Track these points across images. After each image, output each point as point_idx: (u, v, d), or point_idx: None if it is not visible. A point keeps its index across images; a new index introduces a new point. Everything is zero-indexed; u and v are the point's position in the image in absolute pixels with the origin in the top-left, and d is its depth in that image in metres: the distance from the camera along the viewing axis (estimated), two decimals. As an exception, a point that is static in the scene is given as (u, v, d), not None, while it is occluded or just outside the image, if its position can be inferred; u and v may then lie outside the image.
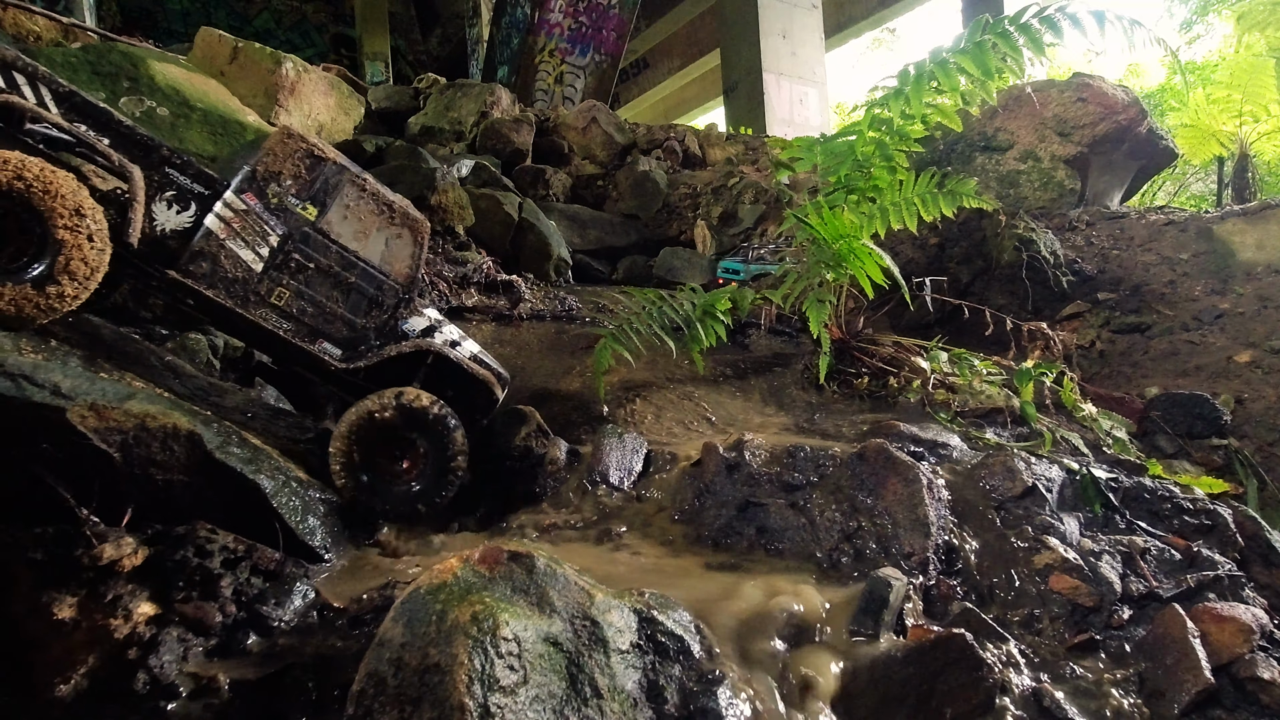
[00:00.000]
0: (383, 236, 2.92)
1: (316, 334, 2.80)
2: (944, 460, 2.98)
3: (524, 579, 1.79)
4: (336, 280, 2.82)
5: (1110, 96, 6.10)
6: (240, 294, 2.63)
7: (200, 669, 1.89)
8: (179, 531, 2.11)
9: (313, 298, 2.77)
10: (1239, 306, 4.65)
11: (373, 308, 2.91)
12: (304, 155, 2.78)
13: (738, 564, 2.49)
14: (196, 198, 2.59)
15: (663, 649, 1.83)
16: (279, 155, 2.73)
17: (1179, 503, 2.82)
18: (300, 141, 2.79)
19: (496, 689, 1.52)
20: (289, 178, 2.73)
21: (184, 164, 2.58)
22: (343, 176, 2.84)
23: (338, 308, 2.83)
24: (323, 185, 2.79)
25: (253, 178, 2.67)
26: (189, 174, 2.58)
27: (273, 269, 2.69)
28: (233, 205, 2.61)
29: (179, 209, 2.56)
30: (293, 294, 2.73)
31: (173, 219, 2.55)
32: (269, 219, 2.68)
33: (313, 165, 2.79)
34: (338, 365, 2.85)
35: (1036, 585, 2.39)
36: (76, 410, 1.97)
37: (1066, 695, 2.01)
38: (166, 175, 2.54)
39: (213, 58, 7.42)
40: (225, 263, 2.60)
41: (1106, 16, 3.22)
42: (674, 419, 3.80)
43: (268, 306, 2.69)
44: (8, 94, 2.23)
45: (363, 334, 2.89)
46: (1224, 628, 2.14)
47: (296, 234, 2.73)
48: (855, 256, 3.60)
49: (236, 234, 2.62)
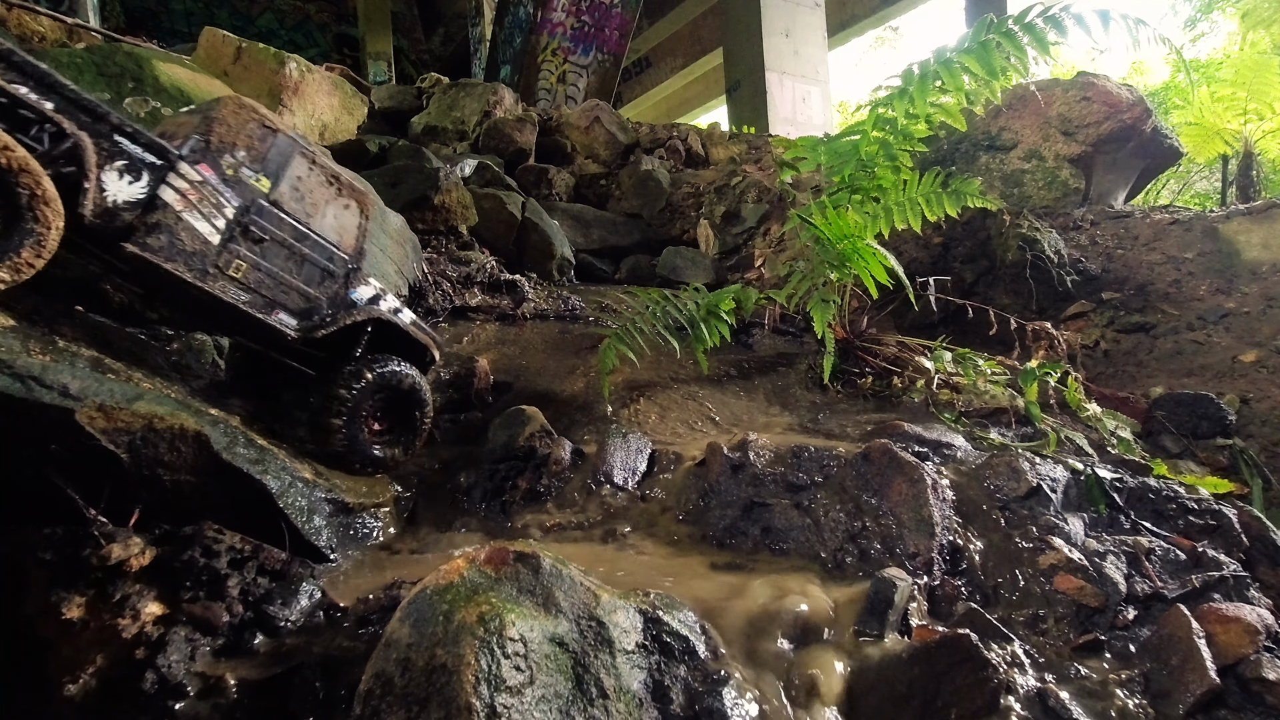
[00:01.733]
0: (332, 209, 2.97)
1: (273, 305, 2.80)
2: (948, 460, 2.98)
3: (530, 579, 1.79)
4: (291, 252, 2.84)
5: (1115, 95, 6.09)
6: (199, 267, 2.57)
7: (208, 669, 1.90)
8: (186, 532, 2.12)
9: (269, 269, 2.77)
10: (1244, 306, 4.64)
11: (325, 278, 2.96)
12: (256, 126, 2.75)
13: (743, 564, 2.49)
14: (149, 168, 2.48)
15: (668, 649, 1.84)
16: (232, 126, 2.67)
17: (1184, 503, 2.82)
18: (252, 113, 2.75)
19: (503, 689, 1.53)
20: (242, 149, 2.69)
21: (134, 133, 2.46)
22: (293, 149, 2.84)
23: (293, 279, 2.85)
24: (275, 156, 2.78)
25: (206, 149, 2.60)
26: (140, 143, 2.47)
27: (230, 241, 2.65)
28: (188, 176, 2.55)
29: (131, 179, 2.44)
30: (250, 266, 2.71)
31: (125, 190, 2.43)
32: (224, 190, 2.63)
33: (264, 137, 2.76)
34: (293, 335, 2.87)
35: (1041, 585, 2.39)
36: (85, 411, 1.98)
37: (1071, 695, 2.01)
38: (116, 144, 2.41)
39: (217, 58, 7.44)
40: (182, 235, 2.54)
41: (1111, 15, 3.21)
42: (678, 419, 3.81)
43: (226, 279, 2.65)
44: None
45: (316, 304, 2.93)
46: (1229, 628, 2.14)
47: (252, 206, 2.70)
48: (859, 256, 3.60)
49: (192, 205, 2.56)
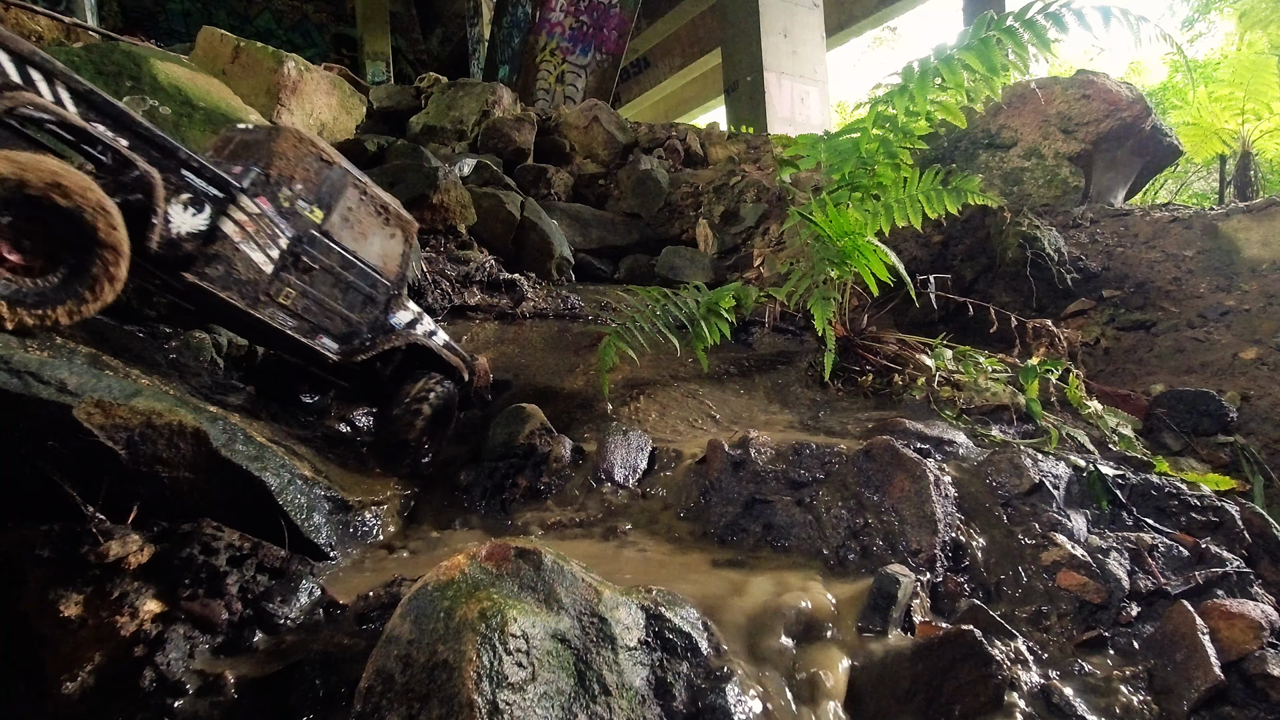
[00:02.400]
0: (378, 237, 3.07)
1: (317, 330, 2.92)
2: (950, 457, 2.98)
3: (531, 576, 1.78)
4: (337, 279, 2.94)
5: (1114, 93, 6.09)
6: (251, 294, 2.68)
7: (207, 666, 1.88)
8: (185, 529, 2.10)
9: (315, 296, 2.88)
10: (1245, 303, 4.64)
11: (367, 304, 3.07)
12: (314, 159, 2.84)
13: (744, 561, 2.48)
14: (211, 200, 2.58)
15: (670, 646, 1.83)
16: (291, 159, 2.77)
17: (1186, 500, 2.81)
18: (310, 146, 2.85)
19: (505, 686, 1.52)
20: (299, 182, 2.79)
21: (200, 167, 2.56)
22: (346, 180, 2.94)
23: (337, 305, 2.97)
24: (329, 189, 2.88)
25: (266, 181, 2.70)
26: (205, 177, 2.57)
27: (282, 270, 2.75)
28: (247, 209, 2.64)
29: (194, 211, 2.54)
30: (298, 293, 2.82)
31: (188, 222, 2.52)
32: (280, 222, 2.74)
33: (320, 169, 2.86)
34: (334, 358, 2.99)
35: (1044, 582, 2.38)
36: (83, 407, 1.97)
37: (1075, 692, 2.00)
38: (183, 178, 2.52)
39: (214, 57, 7.42)
40: (239, 265, 2.64)
41: (1112, 11, 3.21)
42: (678, 416, 3.80)
43: (275, 305, 2.76)
44: (22, 90, 2.15)
45: (357, 329, 3.05)
46: (1233, 624, 2.13)
47: (304, 236, 2.81)
48: (860, 254, 3.59)
49: (250, 237, 2.66)
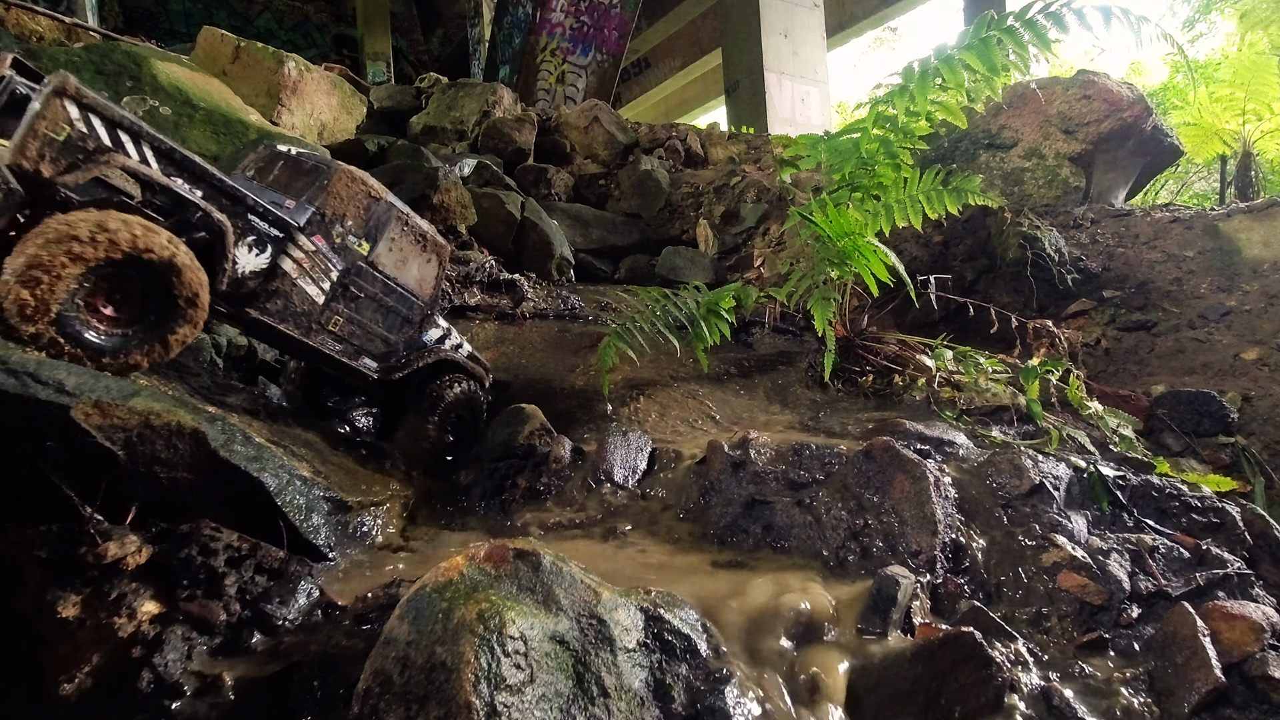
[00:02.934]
0: (416, 262, 3.27)
1: (360, 352, 3.15)
2: (950, 458, 2.97)
3: (530, 577, 1.78)
4: (379, 304, 3.16)
5: (1115, 93, 6.08)
6: (305, 325, 2.91)
7: (205, 668, 1.88)
8: (183, 530, 2.10)
9: (360, 321, 3.11)
10: (1245, 304, 4.63)
11: (404, 325, 3.29)
12: (363, 196, 3.02)
13: (744, 562, 2.47)
14: (273, 240, 2.76)
15: (670, 647, 1.82)
16: (344, 199, 2.95)
17: (1187, 501, 2.81)
18: (361, 184, 3.02)
19: (503, 687, 1.51)
20: (350, 218, 2.97)
21: (264, 211, 2.72)
22: (391, 213, 3.13)
23: (378, 328, 3.19)
24: (375, 223, 3.06)
25: (321, 220, 2.89)
26: (268, 220, 2.74)
27: (331, 300, 2.96)
28: (304, 247, 2.84)
29: (257, 252, 2.72)
30: (345, 320, 3.04)
31: (251, 261, 2.71)
32: (332, 257, 2.93)
33: (369, 205, 3.04)
34: (374, 377, 3.23)
35: (1045, 583, 2.37)
36: (81, 408, 1.96)
37: (1076, 694, 1.99)
38: (249, 221, 2.68)
39: (215, 57, 7.43)
40: (295, 299, 2.85)
41: (1113, 12, 3.20)
42: (678, 417, 3.79)
43: (326, 333, 2.98)
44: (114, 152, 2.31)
45: (394, 348, 3.28)
46: (1234, 626, 2.13)
47: (352, 268, 3.01)
48: (860, 254, 3.59)
49: (305, 272, 2.86)
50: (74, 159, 2.21)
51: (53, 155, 2.17)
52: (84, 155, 2.22)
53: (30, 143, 2.13)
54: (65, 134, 2.18)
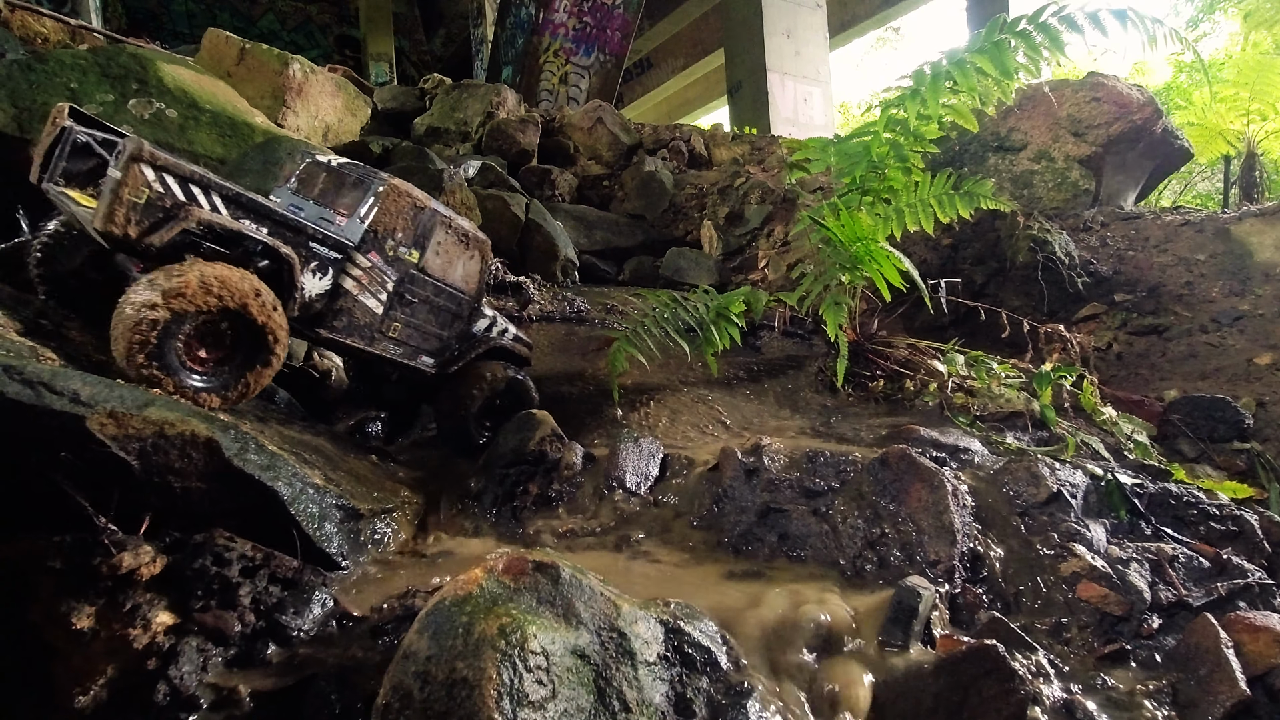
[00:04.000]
0: (461, 261, 3.40)
1: (418, 352, 3.34)
2: (966, 465, 2.95)
3: (549, 590, 1.76)
4: (431, 305, 3.32)
5: (1125, 96, 6.05)
6: (368, 335, 3.11)
7: (220, 680, 1.86)
8: (197, 539, 2.08)
9: (415, 324, 3.28)
10: (1259, 308, 4.60)
11: (455, 320, 3.45)
12: (410, 208, 3.15)
13: (760, 571, 2.45)
14: (333, 263, 2.94)
15: (690, 661, 1.80)
16: (393, 214, 3.08)
17: (1204, 508, 2.78)
18: (407, 197, 3.15)
19: (526, 704, 1.49)
20: (400, 231, 3.11)
21: (324, 237, 2.89)
22: (435, 219, 3.26)
23: (432, 327, 3.36)
24: (422, 231, 3.20)
25: (374, 237, 3.04)
26: (328, 245, 2.91)
27: (389, 309, 3.14)
28: (361, 265, 3.01)
29: (320, 275, 2.90)
30: (403, 324, 3.23)
31: (316, 285, 2.90)
32: (387, 269, 3.09)
33: (416, 215, 3.17)
34: (431, 373, 3.43)
35: (1064, 593, 2.35)
36: (95, 418, 1.94)
37: (1099, 706, 1.97)
38: (311, 249, 2.85)
39: (220, 59, 7.41)
40: (358, 313, 3.05)
41: (1128, 14, 3.18)
42: (689, 422, 3.77)
43: (387, 340, 3.18)
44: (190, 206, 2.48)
45: (448, 343, 3.46)
46: (1258, 637, 2.10)
47: (405, 277, 3.17)
48: (872, 259, 3.56)
49: (365, 287, 3.04)
50: (156, 218, 2.40)
51: (137, 218, 2.36)
52: (164, 213, 2.41)
53: (116, 209, 2.31)
54: (145, 196, 2.36)
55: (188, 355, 2.44)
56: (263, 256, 2.71)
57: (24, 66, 4.92)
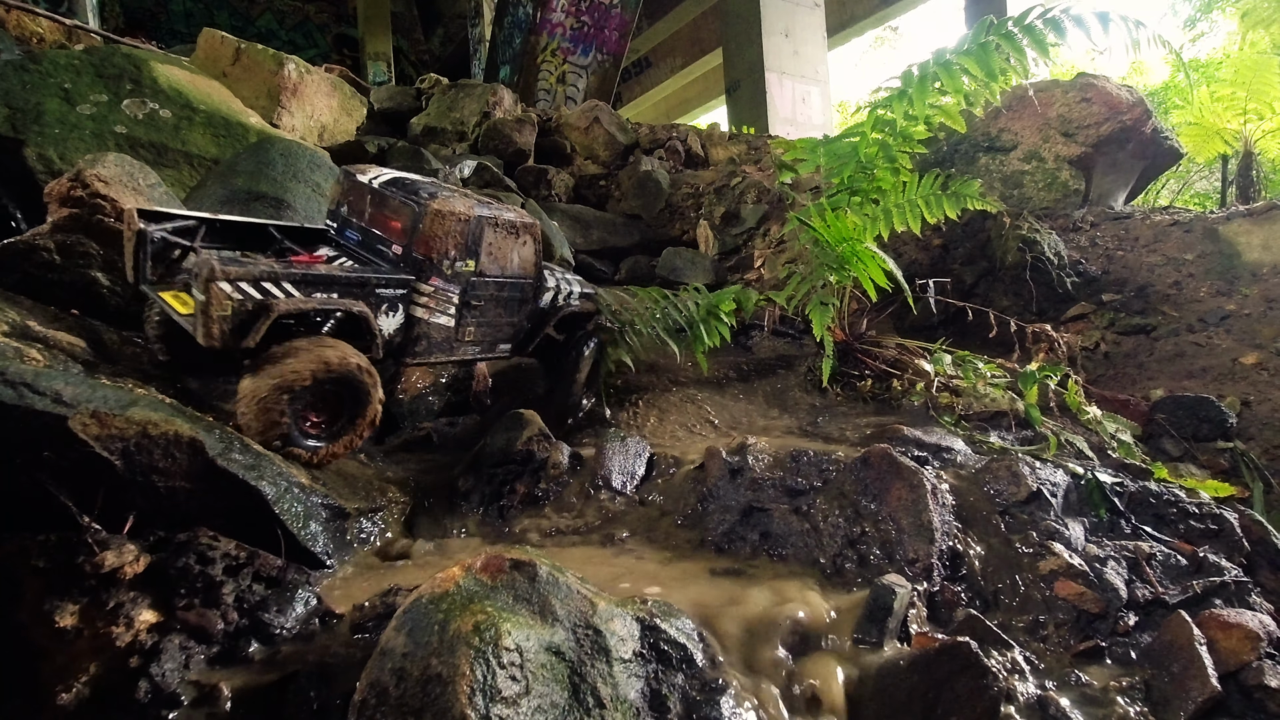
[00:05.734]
0: (515, 250, 3.52)
1: (495, 343, 3.56)
2: (948, 464, 2.97)
3: (526, 587, 1.78)
4: (497, 300, 3.49)
5: (1115, 96, 6.07)
6: (448, 348, 3.35)
7: (202, 677, 1.88)
8: (181, 538, 2.10)
9: (487, 322, 3.47)
10: (1245, 308, 4.62)
11: (521, 304, 3.62)
12: (456, 224, 3.25)
13: (741, 570, 2.48)
14: (400, 299, 3.15)
15: (666, 657, 1.83)
16: (440, 235, 3.20)
17: (1185, 507, 2.81)
18: (450, 215, 3.24)
19: (499, 700, 1.52)
20: (452, 248, 3.24)
21: (387, 280, 3.10)
22: (482, 224, 3.35)
23: (502, 319, 3.54)
24: (472, 240, 3.31)
25: (430, 263, 3.19)
26: (392, 285, 3.12)
27: (461, 319, 3.35)
28: (425, 291, 3.19)
29: (391, 314, 3.13)
30: (475, 326, 3.43)
31: (390, 323, 3.13)
32: (449, 287, 3.26)
33: (463, 230, 3.27)
34: (510, 356, 3.71)
35: (1042, 591, 2.37)
36: (78, 418, 1.96)
37: (1072, 703, 1.99)
38: (379, 295, 3.07)
39: (215, 59, 7.43)
40: (433, 334, 3.26)
41: (1111, 16, 3.20)
42: (677, 422, 3.79)
43: (464, 344, 3.41)
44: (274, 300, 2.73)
45: (520, 326, 3.65)
46: (1231, 635, 2.13)
47: (467, 286, 3.33)
48: (859, 259, 3.58)
49: (433, 310, 3.23)
50: (244, 321, 2.67)
51: (229, 328, 2.64)
52: (250, 316, 2.68)
53: (211, 327, 2.61)
54: (230, 309, 2.63)
55: (304, 423, 2.77)
56: (342, 319, 2.97)
57: (18, 67, 4.94)
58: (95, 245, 3.38)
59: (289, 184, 4.78)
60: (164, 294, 2.86)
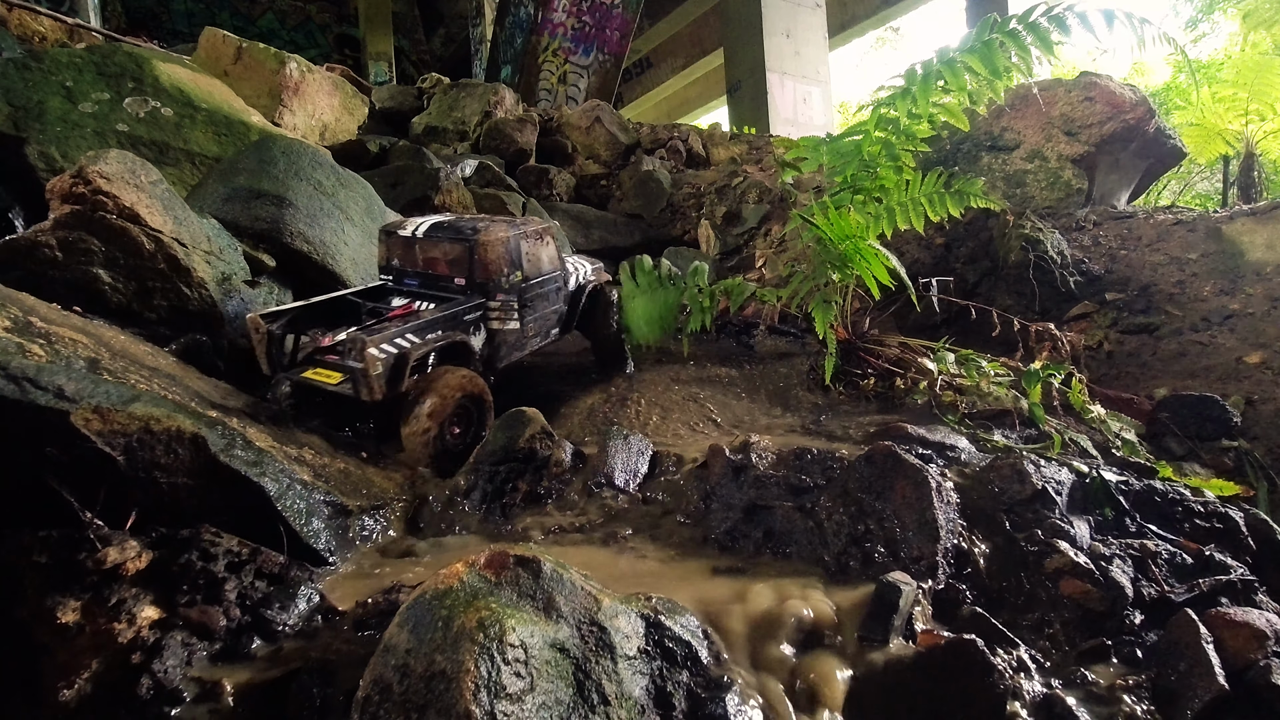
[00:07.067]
0: (544, 251, 4.14)
1: (548, 330, 4.26)
2: (952, 463, 2.96)
3: (530, 584, 1.77)
4: (541, 296, 4.12)
5: (1118, 95, 6.06)
6: (521, 346, 4.02)
7: (204, 673, 1.87)
8: (183, 535, 2.09)
9: (540, 315, 4.13)
10: (1249, 307, 4.61)
11: (558, 293, 4.29)
12: (502, 248, 3.83)
13: (745, 567, 2.46)
14: (480, 319, 3.76)
15: (670, 655, 1.82)
16: (494, 259, 3.78)
17: (1190, 506, 2.79)
18: (498, 242, 3.81)
19: (503, 696, 1.51)
20: (505, 266, 3.84)
21: (469, 308, 3.68)
22: (519, 241, 3.95)
23: (549, 310, 4.21)
24: (515, 255, 3.92)
25: (493, 284, 3.78)
26: (472, 310, 3.71)
27: (523, 321, 3.97)
28: (494, 307, 3.80)
29: (477, 333, 3.75)
30: (534, 322, 4.08)
31: (479, 341, 3.76)
32: (510, 298, 3.86)
33: (506, 249, 3.86)
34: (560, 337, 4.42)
35: (1047, 590, 2.36)
36: (80, 414, 1.96)
37: (1078, 701, 1.98)
38: (466, 321, 3.67)
39: (217, 58, 7.43)
40: (509, 338, 3.91)
41: (1116, 15, 3.19)
42: (679, 420, 3.78)
43: (530, 339, 4.08)
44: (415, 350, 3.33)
45: (560, 311, 4.33)
46: (1237, 633, 2.11)
47: (521, 292, 3.94)
48: (861, 257, 3.57)
49: (505, 319, 3.85)
50: (394, 373, 3.25)
51: (384, 382, 3.21)
52: (398, 368, 3.25)
53: (372, 385, 3.16)
54: (379, 369, 3.16)
55: (449, 431, 3.36)
56: (443, 350, 3.56)
57: (19, 65, 4.94)
58: (97, 242, 3.37)
59: (290, 182, 4.78)
60: (307, 375, 3.32)
